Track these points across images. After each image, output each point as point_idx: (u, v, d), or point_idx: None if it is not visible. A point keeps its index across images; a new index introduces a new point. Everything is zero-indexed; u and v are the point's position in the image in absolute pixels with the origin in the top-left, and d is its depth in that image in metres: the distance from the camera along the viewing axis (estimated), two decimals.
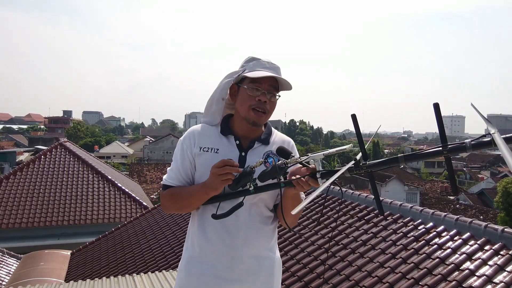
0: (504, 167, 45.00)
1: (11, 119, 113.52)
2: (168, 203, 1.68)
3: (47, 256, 8.30)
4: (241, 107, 1.62)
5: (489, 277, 3.75)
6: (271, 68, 1.63)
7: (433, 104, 1.32)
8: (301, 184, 1.47)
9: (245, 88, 1.61)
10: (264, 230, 1.68)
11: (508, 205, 20.03)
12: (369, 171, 1.45)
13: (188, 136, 1.69)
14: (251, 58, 1.67)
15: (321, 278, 4.50)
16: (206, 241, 1.62)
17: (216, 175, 1.48)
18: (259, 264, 1.66)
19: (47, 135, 58.95)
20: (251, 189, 1.52)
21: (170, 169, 1.69)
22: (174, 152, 1.72)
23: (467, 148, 1.30)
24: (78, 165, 13.31)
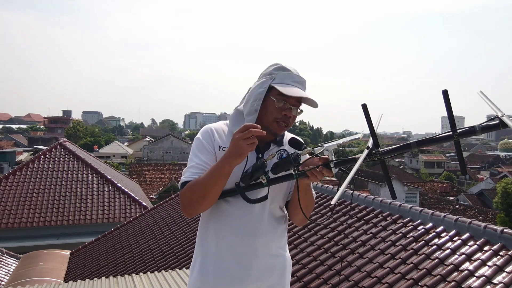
0: (504, 168, 45.02)
1: (10, 119, 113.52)
2: (188, 196, 1.54)
3: (46, 256, 8.30)
4: (266, 117, 1.60)
5: (488, 278, 3.75)
6: (300, 82, 1.63)
7: (442, 91, 1.36)
8: (315, 173, 1.48)
9: (272, 100, 1.59)
10: (278, 229, 1.69)
11: (507, 205, 20.05)
12: (382, 158, 1.48)
13: (207, 133, 1.66)
14: (280, 67, 1.64)
15: (320, 279, 4.50)
16: (222, 240, 1.61)
17: (241, 139, 1.42)
18: (273, 263, 1.67)
19: (46, 135, 58.96)
20: (264, 181, 1.51)
21: (190, 166, 1.60)
22: (192, 151, 1.65)
23: (477, 131, 1.34)
24: (78, 165, 13.30)
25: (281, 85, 1.58)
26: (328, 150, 1.50)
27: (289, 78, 1.61)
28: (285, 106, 1.59)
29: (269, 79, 1.62)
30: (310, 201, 1.70)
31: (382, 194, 25.91)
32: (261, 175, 1.49)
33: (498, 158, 56.09)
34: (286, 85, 1.59)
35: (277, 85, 1.58)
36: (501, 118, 1.31)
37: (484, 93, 1.43)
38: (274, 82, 1.60)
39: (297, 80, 1.62)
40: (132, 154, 49.66)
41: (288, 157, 1.48)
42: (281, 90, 1.55)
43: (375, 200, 5.84)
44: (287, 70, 1.63)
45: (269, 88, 1.60)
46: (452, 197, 31.35)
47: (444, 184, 35.27)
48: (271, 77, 1.62)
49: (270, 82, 1.60)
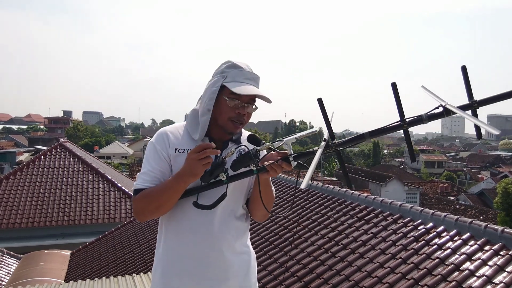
0: (504, 168, 44.99)
1: (11, 119, 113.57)
2: (142, 206, 1.56)
3: (47, 256, 8.31)
4: (220, 116, 1.60)
5: (489, 278, 3.75)
6: (252, 79, 1.62)
7: (391, 84, 1.50)
8: (275, 168, 1.51)
9: (225, 99, 1.58)
10: (240, 228, 1.70)
11: (508, 205, 20.04)
12: (338, 149, 1.54)
13: (161, 137, 1.64)
14: (232, 64, 1.63)
15: (321, 279, 4.50)
16: (184, 243, 1.60)
17: (196, 160, 1.45)
18: (238, 261, 1.67)
19: (47, 135, 59.01)
20: (224, 179, 1.51)
21: (143, 173, 1.60)
22: (145, 156, 1.65)
23: (424, 120, 1.46)
24: (78, 165, 13.31)
25: (233, 83, 1.57)
26: (287, 144, 1.52)
27: (241, 75, 1.60)
28: (238, 105, 1.58)
29: (221, 77, 1.61)
30: (271, 196, 1.71)
31: (382, 194, 25.91)
32: (221, 173, 1.50)
33: (499, 158, 56.09)
34: (238, 83, 1.58)
35: (229, 83, 1.57)
36: (445, 106, 1.43)
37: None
38: (226, 81, 1.59)
39: (249, 77, 1.61)
40: (133, 154, 49.68)
41: (247, 153, 1.50)
42: (233, 89, 1.55)
43: (375, 200, 5.84)
44: (238, 67, 1.62)
45: (222, 87, 1.59)
46: (453, 197, 31.35)
47: (444, 184, 35.27)
48: (223, 76, 1.61)
49: (222, 81, 1.59)
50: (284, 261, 5.11)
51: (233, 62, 1.64)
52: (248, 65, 1.66)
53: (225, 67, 1.63)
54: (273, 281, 4.78)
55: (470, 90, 1.47)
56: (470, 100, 1.46)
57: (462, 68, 1.47)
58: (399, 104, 1.48)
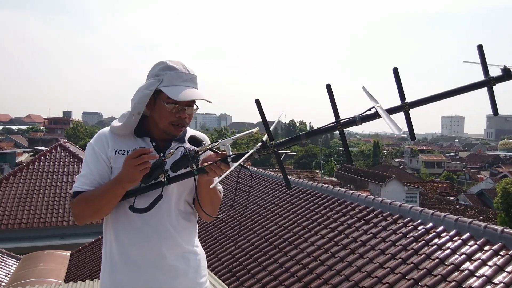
0: (504, 168, 45.03)
1: (10, 120, 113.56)
2: (80, 209, 1.53)
3: (46, 256, 8.30)
4: (160, 121, 1.57)
5: (489, 278, 3.75)
6: (189, 80, 1.56)
7: (326, 85, 1.53)
8: (214, 169, 1.50)
9: (163, 104, 1.53)
10: (188, 227, 1.67)
11: (507, 205, 20.04)
12: (276, 150, 1.55)
13: (100, 138, 1.60)
14: (166, 66, 1.56)
15: (321, 279, 4.51)
16: (130, 246, 1.57)
17: (133, 165, 1.43)
18: (187, 261, 1.65)
19: (46, 136, 58.97)
20: (164, 180, 1.50)
21: (82, 175, 1.57)
22: (84, 158, 1.61)
23: (357, 121, 1.50)
24: (78, 166, 13.28)
25: (170, 88, 1.52)
26: (225, 145, 1.53)
27: (177, 78, 1.54)
28: (178, 109, 1.54)
29: (156, 81, 1.54)
30: (215, 197, 1.69)
31: (382, 194, 25.91)
32: (160, 174, 1.49)
33: (498, 158, 56.08)
34: (175, 86, 1.52)
35: (165, 88, 1.52)
36: (376, 108, 1.46)
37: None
38: (162, 85, 1.53)
39: (186, 79, 1.55)
40: None
41: (186, 155, 1.49)
42: (171, 95, 1.50)
43: (375, 200, 5.85)
44: (173, 69, 1.55)
45: (158, 91, 1.54)
46: (452, 197, 31.34)
47: (444, 184, 35.27)
48: (158, 80, 1.54)
49: (157, 85, 1.53)
50: (284, 261, 5.11)
51: (167, 63, 1.56)
52: (184, 64, 1.59)
53: (159, 69, 1.56)
54: (273, 281, 4.78)
55: (402, 91, 1.50)
56: (402, 102, 1.49)
57: (394, 70, 1.51)
58: (334, 105, 1.51)
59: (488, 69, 1.47)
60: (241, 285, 4.93)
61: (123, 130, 1.59)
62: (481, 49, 1.48)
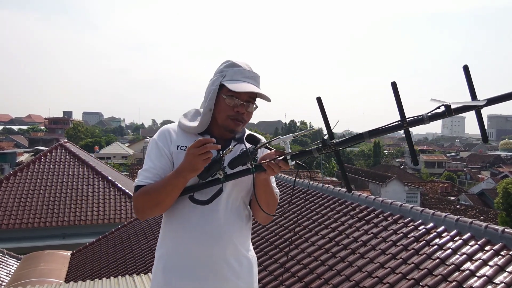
0: (505, 168, 44.99)
1: (11, 120, 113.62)
2: (141, 202, 1.55)
3: (47, 256, 8.31)
4: (219, 115, 1.60)
5: (490, 278, 3.74)
6: (251, 77, 1.61)
7: (391, 83, 1.45)
8: (272, 166, 1.49)
9: (224, 98, 1.58)
10: (243, 229, 1.68)
11: (508, 205, 20.02)
12: (336, 149, 1.50)
13: (163, 134, 1.65)
14: (231, 63, 1.63)
15: (321, 279, 4.50)
16: (186, 244, 1.58)
17: (196, 155, 1.43)
18: (240, 264, 1.65)
19: (47, 136, 59.06)
20: (221, 177, 1.49)
21: (144, 169, 1.60)
22: (146, 153, 1.65)
23: (425, 120, 1.40)
24: (78, 166, 13.31)
25: (231, 81, 1.57)
26: (285, 142, 1.51)
27: (240, 74, 1.59)
28: (237, 103, 1.57)
29: (220, 77, 1.60)
30: (271, 198, 1.68)
31: (383, 194, 25.90)
32: (218, 170, 1.48)
33: (499, 158, 56.03)
34: (236, 81, 1.57)
35: (227, 82, 1.57)
36: (447, 105, 1.37)
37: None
38: (224, 79, 1.59)
39: (248, 76, 1.60)
40: (133, 155, 49.66)
41: (246, 151, 1.48)
42: (230, 87, 1.55)
43: (376, 200, 5.84)
44: (237, 66, 1.61)
45: (221, 86, 1.59)
46: (453, 197, 31.32)
47: (445, 184, 35.25)
48: (222, 75, 1.60)
49: (220, 80, 1.59)
50: (284, 261, 5.11)
51: (232, 61, 1.64)
52: (248, 64, 1.64)
53: (224, 66, 1.63)
54: (274, 281, 4.78)
55: (473, 90, 1.40)
56: (474, 100, 1.40)
57: (464, 67, 1.41)
58: (399, 103, 1.45)
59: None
60: None
61: (200, 128, 1.63)
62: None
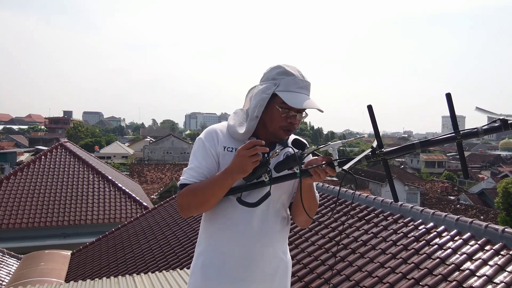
0: (505, 167, 44.99)
1: (11, 119, 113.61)
2: (187, 200, 1.55)
3: (47, 256, 8.30)
4: (271, 124, 1.59)
5: (490, 277, 3.74)
6: (304, 87, 1.58)
7: (446, 94, 1.41)
8: (319, 172, 1.47)
9: (277, 108, 1.56)
10: (282, 231, 1.68)
11: (508, 205, 20.02)
12: (386, 158, 1.48)
13: (210, 134, 1.63)
14: (284, 71, 1.58)
15: (321, 279, 4.50)
16: (226, 242, 1.59)
17: (246, 156, 1.43)
18: (277, 266, 1.65)
19: (47, 136, 58.97)
20: (267, 180, 1.49)
21: (190, 168, 1.59)
22: (192, 152, 1.64)
23: (479, 133, 1.38)
24: (79, 166, 13.31)
25: (286, 93, 1.54)
26: (333, 148, 1.49)
27: (294, 84, 1.56)
28: (290, 114, 1.56)
29: (272, 85, 1.57)
30: (313, 202, 1.67)
31: (383, 194, 25.90)
32: (264, 173, 1.48)
33: (499, 158, 56.06)
34: (291, 92, 1.54)
35: (282, 93, 1.54)
36: (503, 120, 1.34)
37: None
38: (278, 89, 1.55)
39: (302, 85, 1.57)
40: (133, 155, 49.68)
41: (293, 155, 1.47)
42: (287, 101, 1.52)
43: (376, 200, 5.84)
44: (291, 74, 1.57)
45: (273, 95, 1.56)
46: (453, 197, 31.33)
47: (445, 184, 35.25)
48: (275, 83, 1.57)
49: (274, 89, 1.56)
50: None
51: (284, 68, 1.59)
52: (300, 70, 1.60)
53: (277, 73, 1.58)
54: None
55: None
56: None
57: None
58: (453, 115, 1.42)
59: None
60: None
61: (245, 136, 1.60)
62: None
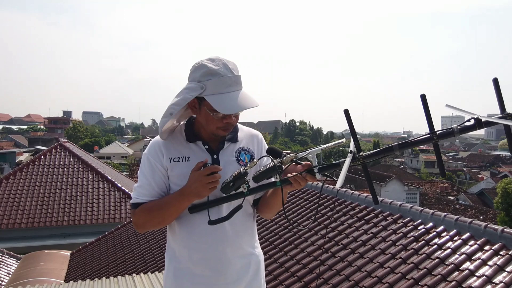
0: (504, 167, 45.00)
1: (10, 119, 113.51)
2: (143, 220, 1.56)
3: (46, 256, 8.30)
4: (207, 126, 1.54)
5: (489, 277, 3.75)
6: (234, 83, 1.48)
7: (420, 96, 1.43)
8: (299, 180, 1.47)
9: (209, 112, 1.49)
10: (248, 228, 1.68)
11: (507, 205, 20.04)
12: (365, 162, 1.48)
13: (153, 148, 1.59)
14: (208, 71, 1.46)
15: (321, 279, 4.50)
16: (194, 249, 1.59)
17: (204, 183, 1.44)
18: (247, 263, 1.66)
19: (46, 136, 58.91)
20: (245, 191, 1.49)
21: (139, 185, 1.58)
22: (140, 168, 1.61)
23: (455, 133, 1.40)
24: (78, 166, 13.30)
25: (214, 96, 1.45)
26: (312, 155, 1.48)
27: (221, 84, 1.45)
28: (225, 115, 1.50)
29: (198, 88, 1.46)
30: (280, 203, 1.67)
31: (382, 194, 25.92)
32: (242, 184, 1.47)
33: (499, 158, 56.02)
34: (220, 94, 1.45)
35: (210, 97, 1.46)
36: (477, 119, 1.37)
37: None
38: (205, 93, 1.46)
39: (230, 83, 1.47)
40: (133, 155, 49.62)
41: (273, 167, 1.46)
42: (216, 107, 1.45)
43: None
44: (216, 74, 1.45)
45: (202, 97, 1.49)
46: (453, 197, 31.33)
47: (444, 184, 35.25)
48: (201, 87, 1.46)
49: (200, 92, 1.46)
50: (284, 261, 5.11)
51: (208, 67, 1.47)
52: (226, 63, 1.49)
53: (201, 74, 1.48)
54: (273, 281, 4.78)
55: (503, 102, 1.39)
56: (503, 113, 1.38)
57: (494, 80, 1.40)
58: (428, 116, 1.43)
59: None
60: None
61: (163, 136, 1.59)
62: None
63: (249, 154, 1.66)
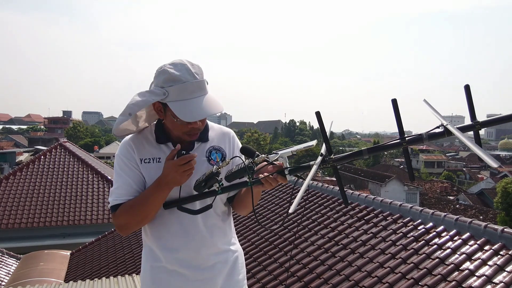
0: (504, 167, 45.03)
1: (10, 119, 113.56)
2: (125, 220, 1.53)
3: (46, 256, 8.30)
4: (173, 131, 1.54)
5: (489, 277, 3.75)
6: (197, 88, 1.45)
7: (391, 100, 1.44)
8: (270, 181, 1.48)
9: (173, 118, 1.48)
10: (222, 226, 1.69)
11: (507, 205, 20.06)
12: (335, 165, 1.50)
13: (125, 148, 1.59)
14: (170, 77, 1.43)
15: (321, 278, 4.50)
16: (168, 248, 1.60)
17: (181, 171, 1.44)
18: (224, 259, 1.67)
19: (46, 136, 58.91)
20: (218, 190, 1.52)
21: (116, 187, 1.55)
22: (114, 170, 1.59)
23: (424, 139, 1.42)
24: (78, 166, 13.30)
25: (177, 103, 1.43)
26: (283, 157, 1.50)
27: (184, 90, 1.43)
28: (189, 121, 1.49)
29: (161, 93, 1.43)
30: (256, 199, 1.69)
31: (382, 194, 25.90)
32: (215, 183, 1.49)
33: (498, 158, 56.03)
34: (183, 101, 1.43)
35: (172, 104, 1.43)
36: (446, 126, 1.39)
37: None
38: (168, 99, 1.44)
39: (193, 89, 1.44)
40: None
41: (244, 168, 1.48)
42: (178, 115, 1.43)
43: (375, 200, 5.84)
44: (178, 81, 1.42)
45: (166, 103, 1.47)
46: (452, 197, 31.34)
47: (444, 184, 35.27)
48: (164, 93, 1.43)
49: (162, 98, 1.44)
50: (284, 261, 5.11)
51: (170, 73, 1.43)
52: (189, 66, 1.46)
53: (163, 80, 1.44)
54: (273, 281, 4.78)
55: (473, 110, 1.41)
56: (473, 121, 1.40)
57: (466, 87, 1.42)
58: (399, 121, 1.44)
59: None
60: None
61: (120, 133, 1.60)
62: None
63: (220, 153, 1.66)
